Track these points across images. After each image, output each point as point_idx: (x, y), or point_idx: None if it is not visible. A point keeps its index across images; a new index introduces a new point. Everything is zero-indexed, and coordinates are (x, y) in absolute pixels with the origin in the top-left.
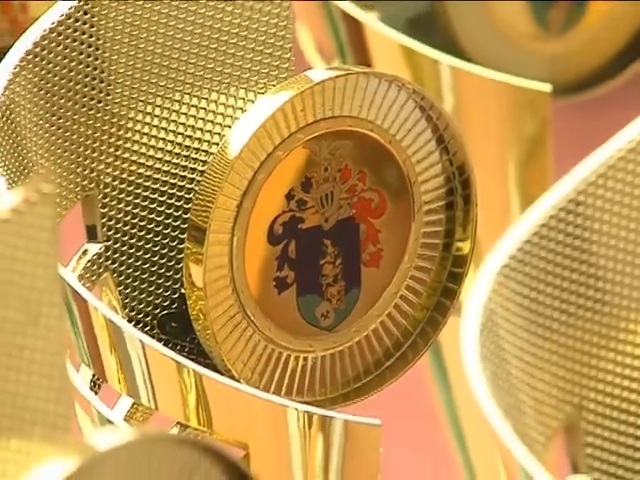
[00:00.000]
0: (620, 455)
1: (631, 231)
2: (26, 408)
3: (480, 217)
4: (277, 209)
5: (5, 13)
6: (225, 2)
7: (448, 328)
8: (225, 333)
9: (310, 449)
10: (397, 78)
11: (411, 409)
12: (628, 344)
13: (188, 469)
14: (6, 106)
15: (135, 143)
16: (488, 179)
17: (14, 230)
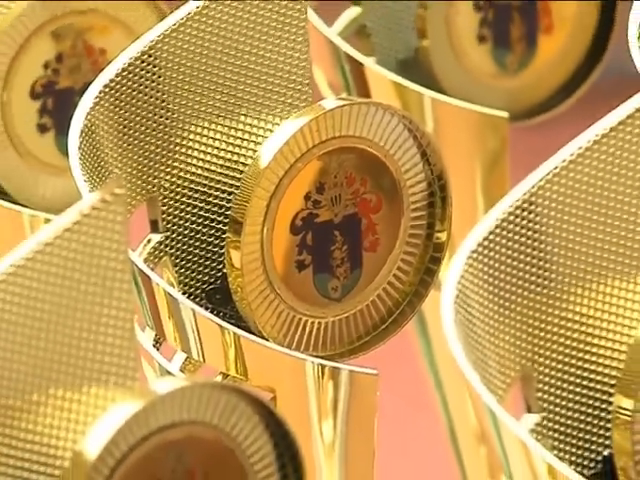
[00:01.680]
0: (564, 397)
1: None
2: (103, 362)
3: (454, 214)
4: (297, 207)
5: (89, 56)
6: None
7: (430, 300)
8: (257, 303)
9: (322, 393)
10: (390, 107)
11: (401, 362)
12: (569, 311)
13: (229, 408)
14: (88, 127)
15: (188, 156)
16: (460, 185)
17: (93, 223)
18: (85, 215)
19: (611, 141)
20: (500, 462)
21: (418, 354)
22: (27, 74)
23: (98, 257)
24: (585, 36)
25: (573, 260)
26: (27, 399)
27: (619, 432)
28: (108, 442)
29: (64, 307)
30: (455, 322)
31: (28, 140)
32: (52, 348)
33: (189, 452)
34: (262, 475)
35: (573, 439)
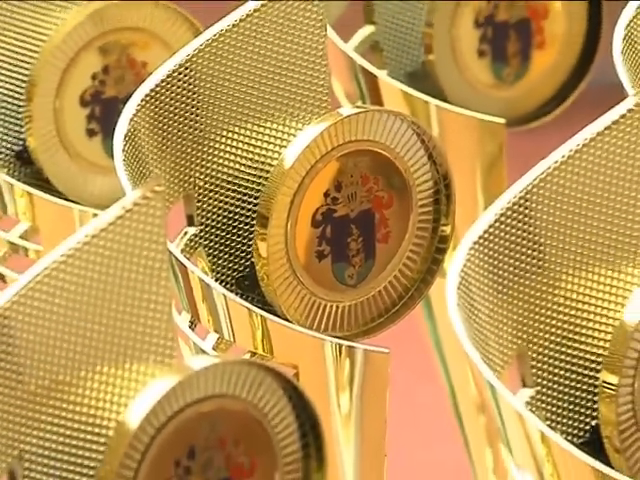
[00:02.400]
0: (556, 374)
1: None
2: (144, 341)
3: (457, 210)
4: (318, 203)
5: (132, 69)
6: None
7: (436, 286)
8: (281, 289)
9: (340, 370)
10: (400, 113)
11: (409, 341)
12: (561, 296)
13: (256, 383)
14: (131, 132)
15: (220, 157)
16: (462, 184)
17: (135, 218)
18: (128, 210)
19: (598, 144)
20: (498, 430)
21: (425, 334)
22: (77, 84)
23: (139, 248)
24: (574, 51)
25: (564, 250)
26: (77, 375)
27: (605, 405)
28: (148, 413)
29: (109, 292)
30: (458, 306)
31: (78, 143)
32: (98, 329)
33: (221, 422)
34: (285, 443)
35: (564, 411)
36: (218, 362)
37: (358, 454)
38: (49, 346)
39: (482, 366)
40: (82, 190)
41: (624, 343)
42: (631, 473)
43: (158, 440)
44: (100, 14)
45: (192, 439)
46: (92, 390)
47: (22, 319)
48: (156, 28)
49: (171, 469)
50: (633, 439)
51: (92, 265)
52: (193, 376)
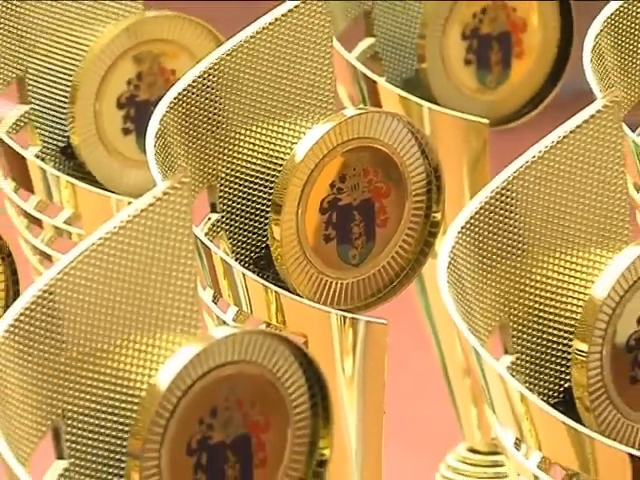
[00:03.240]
0: (534, 342)
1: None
2: (172, 314)
3: (447, 199)
4: (325, 193)
5: (162, 75)
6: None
7: (428, 265)
8: (293, 268)
9: (344, 338)
10: (397, 114)
11: (405, 314)
12: (538, 274)
13: (271, 350)
14: (161, 131)
15: (239, 153)
16: (451, 176)
17: (164, 205)
18: (158, 199)
19: (571, 141)
20: (482, 391)
21: (418, 308)
22: (114, 89)
23: (168, 232)
24: (548, 60)
25: (541, 235)
26: (113, 343)
27: (577, 369)
28: (176, 377)
29: (141, 271)
30: (448, 283)
31: (115, 140)
32: (132, 303)
33: (239, 385)
34: (296, 403)
35: (541, 375)
36: (237, 332)
37: (360, 412)
38: (88, 317)
39: (469, 335)
40: (118, 181)
41: (593, 315)
42: (599, 429)
43: (184, 401)
44: (134, 28)
45: (214, 400)
46: (127, 356)
47: (65, 294)
48: (183, 40)
49: (196, 426)
50: (601, 400)
51: (126, 247)
52: (215, 344)
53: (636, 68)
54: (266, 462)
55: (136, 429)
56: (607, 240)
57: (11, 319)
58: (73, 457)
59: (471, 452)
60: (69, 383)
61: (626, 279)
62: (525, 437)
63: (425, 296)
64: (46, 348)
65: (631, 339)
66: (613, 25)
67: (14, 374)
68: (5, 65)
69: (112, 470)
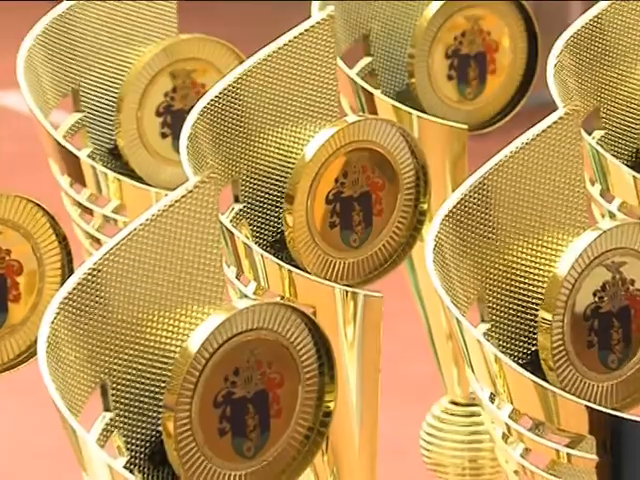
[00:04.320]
0: (506, 312)
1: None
2: (201, 288)
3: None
4: (330, 187)
5: (193, 88)
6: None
7: (417, 247)
8: (304, 249)
9: (346, 309)
10: (391, 121)
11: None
12: (510, 255)
13: (285, 319)
14: (192, 135)
15: (259, 153)
16: (436, 173)
17: (195, 197)
18: (190, 191)
19: (537, 142)
20: (462, 353)
21: (409, 283)
22: (153, 100)
23: (198, 219)
24: (517, 77)
25: (511, 221)
26: (151, 313)
27: (542, 335)
28: (204, 341)
29: (175, 252)
30: (433, 262)
31: (154, 143)
32: (167, 279)
33: (258, 348)
34: (306, 363)
35: (512, 339)
36: (256, 303)
37: (360, 371)
38: (130, 291)
39: (451, 306)
40: (156, 177)
41: (556, 289)
42: (561, 386)
43: (211, 361)
44: (170, 48)
45: (237, 361)
46: (163, 324)
47: (110, 271)
48: (211, 58)
49: (221, 383)
50: (562, 361)
51: (163, 232)
52: (238, 314)
53: (592, 82)
54: (281, 413)
55: (171, 385)
56: (568, 226)
57: (65, 292)
58: (117, 409)
59: (452, 404)
60: (114, 347)
61: (584, 259)
62: (498, 392)
63: (414, 273)
64: (94, 317)
65: (588, 309)
66: (572, 46)
67: (67, 339)
68: (62, 80)
69: (150, 420)
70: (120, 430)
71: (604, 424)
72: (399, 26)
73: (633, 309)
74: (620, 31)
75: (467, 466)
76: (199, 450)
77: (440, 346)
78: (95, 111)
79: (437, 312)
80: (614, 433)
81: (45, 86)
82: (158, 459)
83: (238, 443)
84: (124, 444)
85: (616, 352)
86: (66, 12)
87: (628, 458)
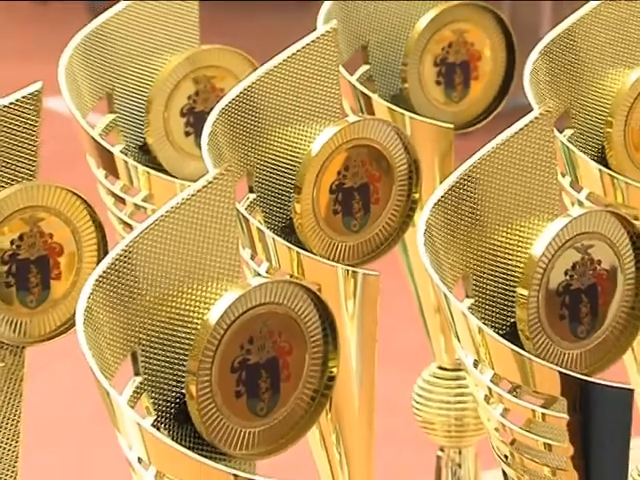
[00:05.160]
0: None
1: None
2: (221, 267)
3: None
4: (333, 178)
5: (213, 92)
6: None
7: (409, 232)
8: (310, 234)
9: (347, 286)
10: (386, 121)
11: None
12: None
13: (293, 295)
14: (212, 132)
15: (269, 149)
16: (426, 167)
17: (214, 187)
18: (210, 182)
19: (515, 140)
20: (449, 324)
21: (402, 263)
22: (178, 102)
23: (217, 207)
24: (497, 82)
25: (493, 209)
26: (176, 289)
27: (520, 309)
28: (222, 314)
29: (197, 236)
30: (424, 245)
31: (179, 140)
32: (190, 259)
33: (270, 320)
34: (312, 334)
35: (493, 313)
36: (268, 281)
37: (359, 340)
38: (157, 270)
39: (439, 283)
40: (181, 170)
41: (532, 268)
42: (536, 353)
43: (229, 332)
44: (193, 57)
45: (251, 331)
46: (186, 299)
47: (141, 252)
48: (229, 66)
49: (237, 351)
50: (537, 331)
51: (186, 218)
52: (252, 290)
53: (563, 87)
54: (290, 377)
55: (193, 353)
56: (543, 213)
57: (100, 271)
58: (146, 374)
59: (440, 369)
60: (143, 319)
61: (556, 242)
62: (481, 359)
63: (407, 254)
64: (125, 293)
65: (560, 286)
66: (545, 56)
67: (102, 312)
68: (98, 86)
69: (175, 384)
70: (148, 393)
71: (574, 387)
72: (393, 38)
73: (600, 286)
74: (587, 42)
75: (453, 424)
76: (218, 410)
77: (429, 318)
78: (127, 112)
79: (427, 289)
80: (583, 395)
81: (83, 91)
82: (182, 418)
83: (252, 404)
84: (152, 405)
85: (584, 324)
86: (101, 26)
87: (595, 416)
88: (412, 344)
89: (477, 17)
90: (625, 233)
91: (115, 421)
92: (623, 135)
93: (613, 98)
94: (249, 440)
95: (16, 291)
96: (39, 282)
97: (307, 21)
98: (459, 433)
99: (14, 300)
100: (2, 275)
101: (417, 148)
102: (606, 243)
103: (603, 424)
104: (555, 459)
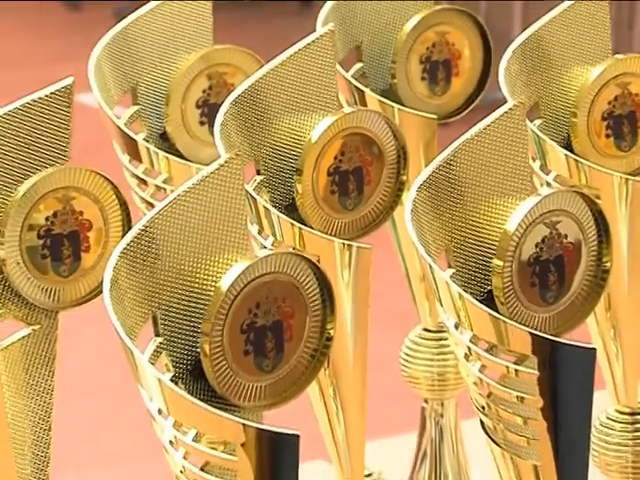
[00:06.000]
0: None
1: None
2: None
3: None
4: (330, 162)
5: (225, 87)
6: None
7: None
8: (310, 212)
9: (343, 257)
10: (378, 112)
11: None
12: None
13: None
14: (224, 122)
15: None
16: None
17: (226, 170)
18: (222, 165)
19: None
20: (433, 291)
21: (391, 237)
22: (194, 95)
23: (228, 187)
24: (475, 79)
25: (472, 189)
26: (192, 261)
27: (495, 278)
28: (233, 282)
29: (210, 212)
30: (411, 221)
31: (195, 129)
32: (204, 233)
33: (275, 287)
34: (312, 299)
35: (472, 281)
36: (273, 253)
37: (353, 305)
38: (175, 244)
39: (425, 255)
40: (197, 155)
41: (506, 242)
42: (510, 316)
43: (238, 298)
44: (207, 56)
45: (258, 297)
46: (201, 269)
47: (160, 227)
48: (238, 63)
49: (246, 314)
50: (511, 297)
51: (200, 197)
52: (259, 261)
53: (533, 82)
54: (292, 338)
55: (207, 316)
56: (516, 192)
57: (125, 244)
58: (165, 335)
59: (425, 331)
60: (162, 287)
61: (528, 218)
62: (461, 321)
63: (396, 229)
64: (147, 263)
65: (531, 258)
66: (518, 55)
67: (126, 280)
68: (123, 81)
69: (190, 344)
70: (167, 352)
71: (544, 346)
72: (384, 39)
73: (566, 257)
74: (554, 43)
75: (436, 379)
76: (228, 367)
77: (415, 286)
78: (149, 104)
79: (413, 260)
80: (552, 353)
81: (110, 86)
82: (197, 374)
83: (259, 361)
84: (170, 362)
85: (552, 291)
86: (126, 29)
87: (562, 372)
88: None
89: (457, 21)
90: (588, 210)
91: (138, 377)
92: (586, 124)
93: (577, 92)
94: (256, 393)
95: (50, 262)
96: (71, 254)
97: (307, 24)
98: (441, 387)
99: (49, 270)
100: (38, 248)
101: (405, 136)
102: (572, 219)
103: (569, 379)
104: (526, 410)
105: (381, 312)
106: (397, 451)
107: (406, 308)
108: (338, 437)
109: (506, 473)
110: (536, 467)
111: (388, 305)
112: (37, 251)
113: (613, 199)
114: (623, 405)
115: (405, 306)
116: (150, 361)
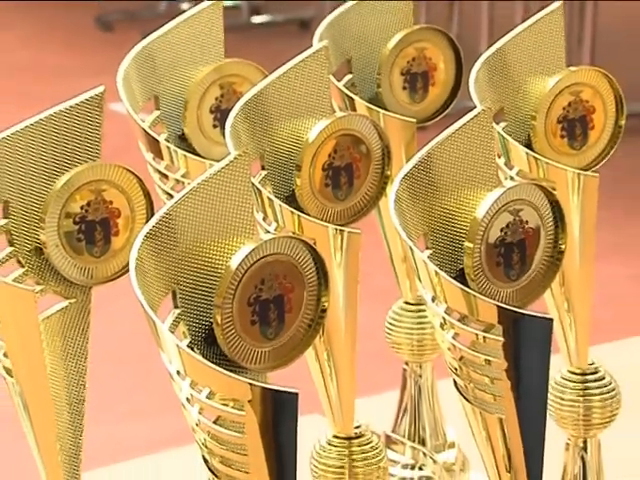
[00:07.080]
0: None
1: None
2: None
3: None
4: (325, 159)
5: (234, 94)
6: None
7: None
8: (308, 201)
9: (336, 241)
10: (365, 116)
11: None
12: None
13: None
14: (233, 126)
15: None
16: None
17: (234, 167)
18: (231, 162)
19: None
20: (414, 270)
21: (377, 224)
22: (208, 102)
23: (237, 181)
24: (449, 88)
25: (446, 182)
26: (204, 243)
27: (467, 258)
28: (240, 261)
29: (221, 202)
30: (395, 210)
31: (209, 131)
32: (216, 219)
33: (277, 266)
34: (309, 276)
35: (447, 261)
36: (276, 236)
37: (345, 282)
38: (191, 229)
39: (406, 239)
40: (210, 153)
41: (476, 227)
42: (479, 291)
43: (246, 275)
44: (219, 68)
45: (262, 274)
46: (213, 250)
47: (178, 215)
48: (246, 74)
49: (252, 289)
50: (480, 275)
51: (212, 189)
52: (263, 244)
53: (498, 90)
54: (292, 310)
55: (219, 291)
56: (484, 184)
57: (148, 229)
58: (182, 307)
59: (406, 304)
60: (180, 264)
61: (494, 207)
62: (437, 296)
63: (381, 217)
64: (167, 245)
65: (497, 241)
66: (486, 67)
67: (149, 260)
68: (147, 90)
69: (204, 315)
70: (184, 321)
71: (508, 317)
72: (370, 54)
73: (527, 241)
74: (516, 57)
75: (415, 345)
76: (237, 334)
77: (398, 265)
78: (169, 110)
79: (396, 243)
80: (515, 322)
81: (136, 94)
82: (210, 340)
83: (264, 329)
84: (187, 331)
85: (515, 269)
86: (149, 45)
87: (524, 339)
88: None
89: (434, 38)
90: (546, 200)
91: (159, 343)
92: (544, 126)
93: (537, 99)
94: (261, 357)
95: (85, 245)
96: (102, 238)
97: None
98: (420, 351)
99: (83, 251)
100: (74, 233)
101: (388, 137)
102: (532, 208)
103: (530, 345)
104: (493, 371)
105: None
106: (382, 406)
107: (390, 285)
108: (331, 394)
109: (476, 425)
110: (501, 420)
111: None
112: (73, 235)
113: (567, 191)
114: (575, 367)
115: (389, 283)
116: (170, 330)
